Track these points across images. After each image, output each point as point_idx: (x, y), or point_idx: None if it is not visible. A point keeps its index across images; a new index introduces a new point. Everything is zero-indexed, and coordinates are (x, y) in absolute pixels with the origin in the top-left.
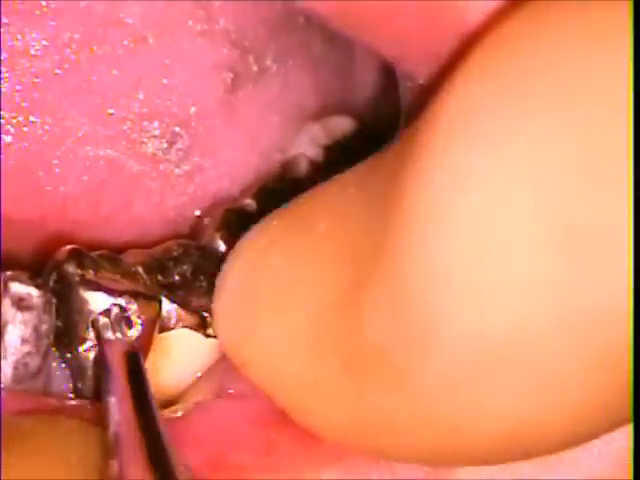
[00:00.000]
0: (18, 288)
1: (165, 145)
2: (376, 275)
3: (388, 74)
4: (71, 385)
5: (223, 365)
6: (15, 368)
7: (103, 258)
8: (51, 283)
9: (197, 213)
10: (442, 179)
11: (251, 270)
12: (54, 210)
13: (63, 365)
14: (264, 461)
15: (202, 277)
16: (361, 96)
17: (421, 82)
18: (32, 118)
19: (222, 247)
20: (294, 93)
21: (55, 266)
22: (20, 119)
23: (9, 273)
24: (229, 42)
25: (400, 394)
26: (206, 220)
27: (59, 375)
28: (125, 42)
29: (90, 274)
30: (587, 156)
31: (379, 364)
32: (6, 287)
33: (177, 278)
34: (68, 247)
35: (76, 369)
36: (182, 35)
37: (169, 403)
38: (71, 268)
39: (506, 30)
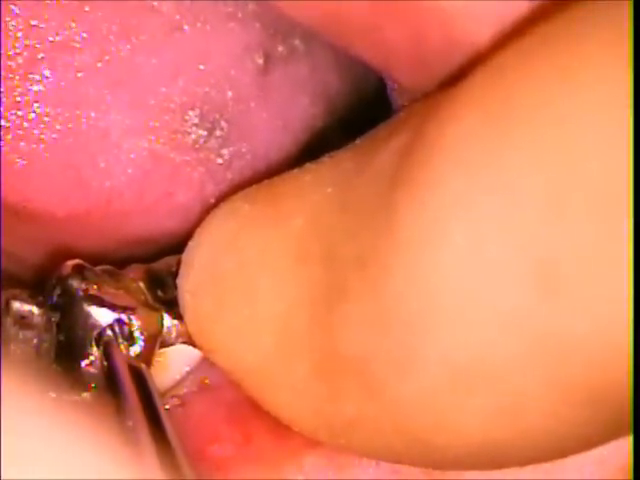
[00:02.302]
0: (19, 307)
1: (205, 133)
2: (357, 287)
3: None
4: None
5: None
6: None
7: (106, 273)
8: (54, 298)
9: None
10: (437, 206)
11: (219, 252)
12: (99, 205)
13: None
14: (243, 452)
15: None
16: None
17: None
18: (77, 112)
19: None
20: (321, 73)
21: (59, 280)
22: (66, 115)
23: (10, 291)
24: (259, 23)
25: (374, 404)
26: None
27: None
28: (161, 30)
29: (94, 289)
30: (563, 190)
31: (354, 374)
32: (7, 306)
33: (177, 294)
34: (72, 262)
35: (77, 384)
36: (214, 19)
37: None
38: (75, 283)
39: (500, 61)
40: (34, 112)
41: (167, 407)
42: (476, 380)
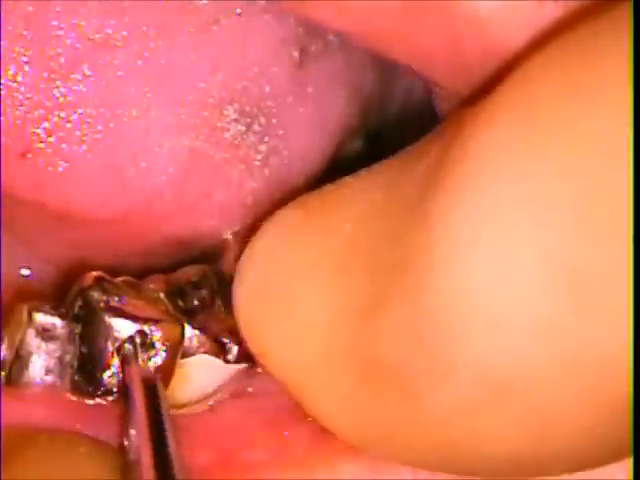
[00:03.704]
0: (42, 319)
1: (243, 129)
2: (398, 294)
3: None
4: None
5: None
6: None
7: (126, 284)
8: (76, 309)
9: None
10: (466, 217)
11: (270, 260)
12: (139, 205)
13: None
14: (276, 458)
15: (220, 302)
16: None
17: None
18: (118, 112)
19: None
20: (355, 71)
21: (80, 292)
22: (107, 115)
23: (32, 303)
24: (294, 17)
25: (413, 411)
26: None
27: None
28: (198, 25)
29: (115, 300)
30: (592, 200)
31: (395, 379)
32: (30, 317)
33: (196, 303)
34: (93, 273)
35: (99, 396)
36: (250, 13)
37: None
38: (96, 294)
39: (526, 73)
40: (76, 113)
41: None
42: (511, 390)
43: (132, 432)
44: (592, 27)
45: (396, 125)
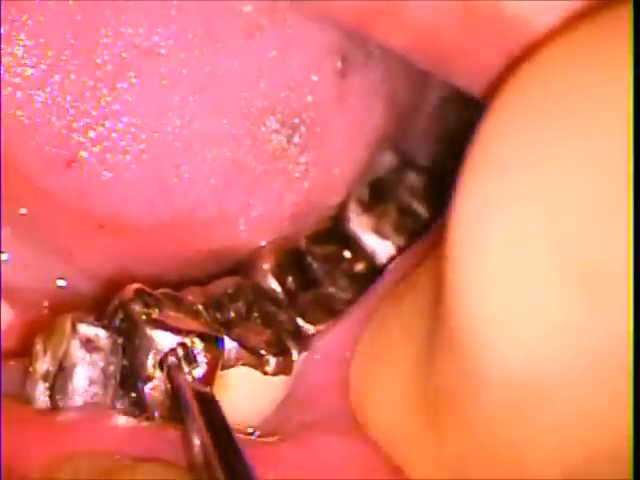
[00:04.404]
0: (86, 330)
1: (284, 140)
2: (440, 328)
3: None
4: None
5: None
6: None
7: (166, 297)
8: (117, 322)
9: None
10: (474, 209)
11: (369, 339)
12: (182, 215)
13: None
14: None
15: (256, 314)
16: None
17: None
18: (162, 122)
19: (274, 284)
20: (394, 79)
21: (121, 305)
22: (152, 125)
23: (75, 314)
24: (337, 25)
25: (465, 428)
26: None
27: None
28: (243, 32)
29: (155, 313)
30: (605, 191)
31: (448, 402)
32: (74, 328)
33: (233, 315)
34: (134, 286)
35: (141, 408)
36: (294, 20)
37: None
38: (137, 307)
39: (537, 67)
40: (121, 122)
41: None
42: (539, 393)
43: (196, 446)
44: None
45: (425, 135)
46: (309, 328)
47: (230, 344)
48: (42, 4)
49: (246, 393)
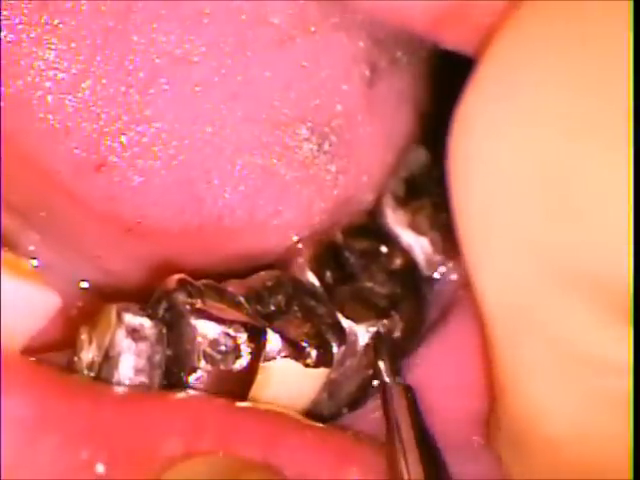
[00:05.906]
0: (131, 319)
1: (315, 148)
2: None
3: None
4: None
5: None
6: None
7: (208, 288)
8: (161, 312)
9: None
10: (470, 127)
11: None
12: (211, 221)
13: None
14: None
15: (296, 307)
16: None
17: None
18: (193, 128)
19: (312, 278)
20: (419, 87)
21: (164, 295)
22: (183, 131)
23: (121, 304)
24: (365, 34)
25: None
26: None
27: None
28: (273, 41)
29: (199, 303)
30: (583, 112)
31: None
32: (120, 318)
33: (273, 308)
34: (177, 276)
35: None
36: (324, 30)
37: None
38: (181, 297)
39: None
40: (152, 128)
41: None
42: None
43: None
44: None
45: None
46: (348, 322)
47: (271, 336)
48: (74, 9)
49: (287, 385)
